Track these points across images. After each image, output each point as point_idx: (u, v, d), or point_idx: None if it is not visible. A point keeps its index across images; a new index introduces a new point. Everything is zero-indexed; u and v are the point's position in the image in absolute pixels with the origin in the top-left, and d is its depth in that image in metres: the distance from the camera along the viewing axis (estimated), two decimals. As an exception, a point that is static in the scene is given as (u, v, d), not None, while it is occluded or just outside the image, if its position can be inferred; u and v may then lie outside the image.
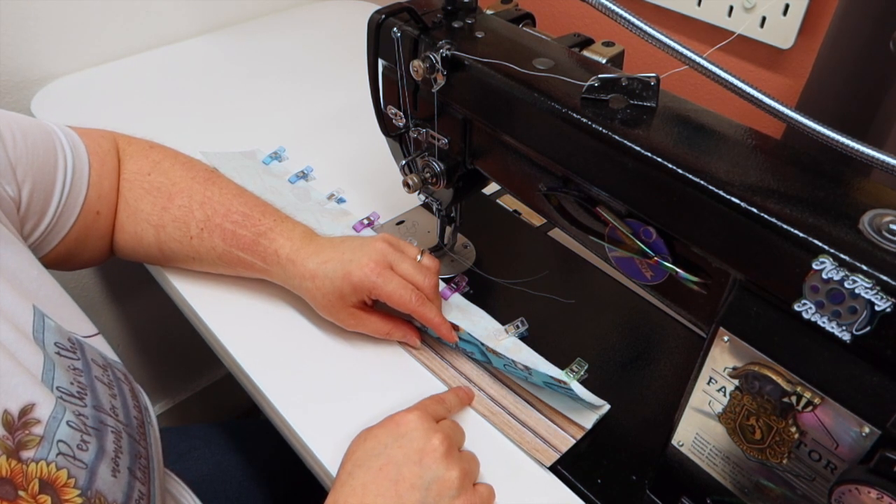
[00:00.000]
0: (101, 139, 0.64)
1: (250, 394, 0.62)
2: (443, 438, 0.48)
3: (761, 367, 0.39)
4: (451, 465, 0.47)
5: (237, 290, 0.67)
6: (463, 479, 0.47)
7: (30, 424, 0.39)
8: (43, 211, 0.56)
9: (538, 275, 0.71)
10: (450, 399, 0.56)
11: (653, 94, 0.46)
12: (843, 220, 0.37)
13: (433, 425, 0.50)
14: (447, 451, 0.48)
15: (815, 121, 0.37)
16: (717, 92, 0.83)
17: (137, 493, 0.45)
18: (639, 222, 0.47)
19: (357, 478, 0.46)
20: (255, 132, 0.91)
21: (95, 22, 0.99)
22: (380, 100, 0.64)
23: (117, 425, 0.46)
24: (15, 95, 0.96)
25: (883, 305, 0.34)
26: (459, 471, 0.47)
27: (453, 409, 0.56)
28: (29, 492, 0.38)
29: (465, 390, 0.59)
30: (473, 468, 0.51)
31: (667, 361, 0.64)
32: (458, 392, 0.58)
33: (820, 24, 0.72)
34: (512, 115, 0.52)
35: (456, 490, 0.47)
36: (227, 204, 0.63)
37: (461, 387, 0.59)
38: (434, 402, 0.54)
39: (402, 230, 0.77)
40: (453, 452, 0.49)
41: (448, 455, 0.48)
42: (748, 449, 0.43)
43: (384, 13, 0.57)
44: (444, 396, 0.56)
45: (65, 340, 0.46)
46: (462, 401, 0.58)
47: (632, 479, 0.54)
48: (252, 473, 0.79)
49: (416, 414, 0.50)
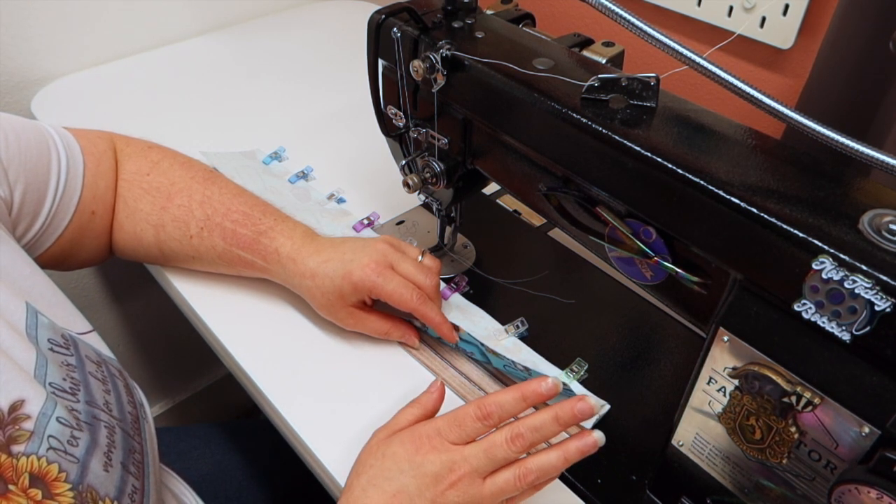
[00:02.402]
0: (97, 139, 0.64)
1: (250, 394, 0.62)
2: (459, 472, 0.45)
3: (761, 367, 0.39)
4: (466, 497, 0.45)
5: (237, 289, 0.68)
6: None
7: (20, 420, 0.39)
8: (36, 212, 0.56)
9: (538, 275, 0.71)
10: (469, 425, 0.47)
11: (653, 94, 0.46)
12: (843, 220, 0.37)
13: (451, 455, 0.45)
14: (462, 482, 0.45)
15: (815, 121, 0.37)
16: (717, 92, 0.83)
17: (131, 488, 0.45)
18: (639, 222, 0.47)
19: (371, 497, 0.45)
20: (255, 132, 0.91)
21: (95, 22, 0.99)
22: (380, 100, 0.64)
23: (111, 420, 0.46)
24: (15, 95, 0.96)
25: (883, 305, 0.34)
26: (472, 502, 0.45)
27: (473, 435, 0.47)
28: (19, 486, 0.38)
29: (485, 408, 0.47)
30: (494, 494, 0.46)
31: (667, 361, 0.64)
32: (479, 413, 0.47)
33: (820, 24, 0.72)
34: (512, 115, 0.52)
35: None
36: (226, 203, 0.63)
37: (482, 405, 0.47)
38: (452, 426, 0.47)
39: (402, 230, 0.77)
40: (473, 482, 0.45)
41: (463, 486, 0.45)
42: (748, 449, 0.43)
43: (384, 13, 0.57)
44: (463, 420, 0.47)
45: (58, 337, 0.47)
46: (485, 424, 0.47)
47: (632, 479, 0.54)
48: (252, 473, 0.79)
49: (436, 442, 0.46)
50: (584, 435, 0.45)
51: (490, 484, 0.45)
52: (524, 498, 0.47)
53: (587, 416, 0.45)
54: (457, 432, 0.46)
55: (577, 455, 0.45)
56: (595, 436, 0.45)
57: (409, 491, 0.45)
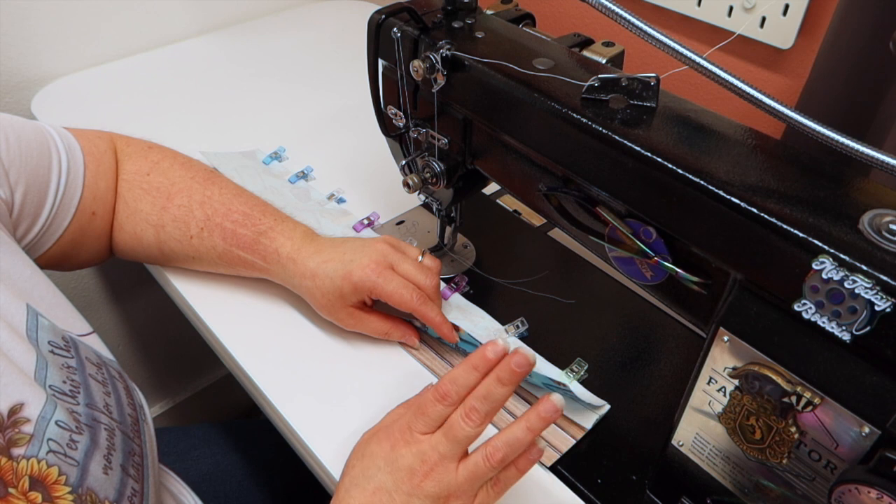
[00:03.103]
0: (97, 140, 0.64)
1: (250, 394, 0.62)
2: (430, 462, 0.45)
3: (761, 367, 0.39)
4: (442, 486, 0.45)
5: (237, 290, 0.68)
6: (456, 498, 0.45)
7: (19, 423, 0.39)
8: (37, 213, 0.56)
9: (538, 275, 0.71)
10: (431, 410, 0.46)
11: (653, 94, 0.46)
12: (843, 220, 0.37)
13: (420, 446, 0.46)
14: (436, 471, 0.45)
15: (815, 121, 0.37)
16: (717, 92, 0.83)
17: (130, 490, 0.45)
18: (639, 222, 0.47)
19: (353, 497, 0.46)
20: (255, 132, 0.91)
21: (95, 22, 0.99)
22: (380, 100, 0.64)
23: (111, 423, 0.46)
24: (15, 95, 0.96)
25: (883, 305, 0.34)
26: (448, 490, 0.45)
27: (439, 419, 0.46)
28: (19, 489, 0.38)
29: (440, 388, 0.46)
30: (468, 479, 0.45)
31: (667, 361, 0.64)
32: (436, 394, 0.46)
33: (820, 24, 0.72)
34: (512, 115, 0.52)
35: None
36: (227, 203, 0.63)
37: (437, 387, 0.46)
38: (417, 416, 0.47)
39: (402, 230, 0.77)
40: (447, 470, 0.45)
41: (437, 475, 0.45)
42: (748, 449, 0.43)
43: (384, 13, 0.57)
44: (424, 407, 0.46)
45: (58, 339, 0.46)
46: (445, 404, 0.46)
47: (632, 479, 0.54)
48: (252, 473, 0.79)
49: (407, 436, 0.46)
50: (543, 401, 0.44)
51: (462, 469, 0.45)
52: (510, 481, 0.47)
53: (524, 367, 0.44)
54: (423, 420, 0.46)
55: (540, 422, 0.44)
56: (552, 398, 0.44)
57: (387, 487, 0.46)
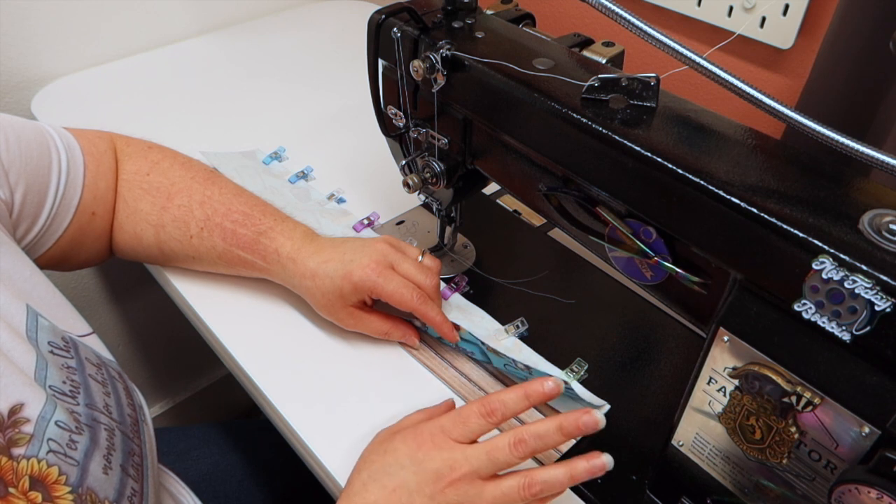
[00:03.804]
0: (97, 140, 0.64)
1: (250, 394, 0.62)
2: (460, 471, 0.45)
3: (761, 367, 0.39)
4: (464, 498, 0.45)
5: (237, 290, 0.67)
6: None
7: (19, 423, 0.39)
8: (36, 213, 0.56)
9: (538, 275, 0.71)
10: (473, 422, 0.47)
11: (653, 94, 0.46)
12: (843, 220, 0.37)
13: (452, 453, 0.45)
14: (462, 482, 0.44)
15: (815, 121, 0.37)
16: (717, 92, 0.83)
17: (130, 490, 0.45)
18: (639, 222, 0.47)
19: (370, 492, 0.45)
20: (255, 132, 0.91)
21: (95, 22, 0.99)
22: (380, 100, 0.64)
23: (110, 423, 0.46)
24: (15, 95, 0.96)
25: (883, 305, 0.34)
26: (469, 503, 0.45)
27: (477, 432, 0.47)
28: (19, 489, 0.38)
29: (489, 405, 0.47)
30: (495, 499, 0.45)
31: (667, 361, 0.64)
32: (483, 410, 0.47)
33: (820, 24, 0.72)
34: (512, 115, 0.52)
35: None
36: (227, 203, 0.63)
37: (486, 403, 0.47)
38: (456, 423, 0.47)
39: (402, 230, 0.77)
40: (473, 483, 0.45)
41: (462, 486, 0.44)
42: (748, 449, 0.43)
43: (384, 13, 0.57)
44: (467, 417, 0.47)
45: (58, 339, 0.46)
46: (489, 421, 0.47)
47: (632, 479, 0.54)
48: (252, 473, 0.79)
49: (439, 439, 0.46)
50: (595, 456, 0.45)
51: (493, 488, 0.45)
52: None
53: (591, 430, 0.45)
54: (461, 429, 0.46)
55: (585, 475, 0.45)
56: (604, 459, 0.45)
57: (409, 486, 0.45)
